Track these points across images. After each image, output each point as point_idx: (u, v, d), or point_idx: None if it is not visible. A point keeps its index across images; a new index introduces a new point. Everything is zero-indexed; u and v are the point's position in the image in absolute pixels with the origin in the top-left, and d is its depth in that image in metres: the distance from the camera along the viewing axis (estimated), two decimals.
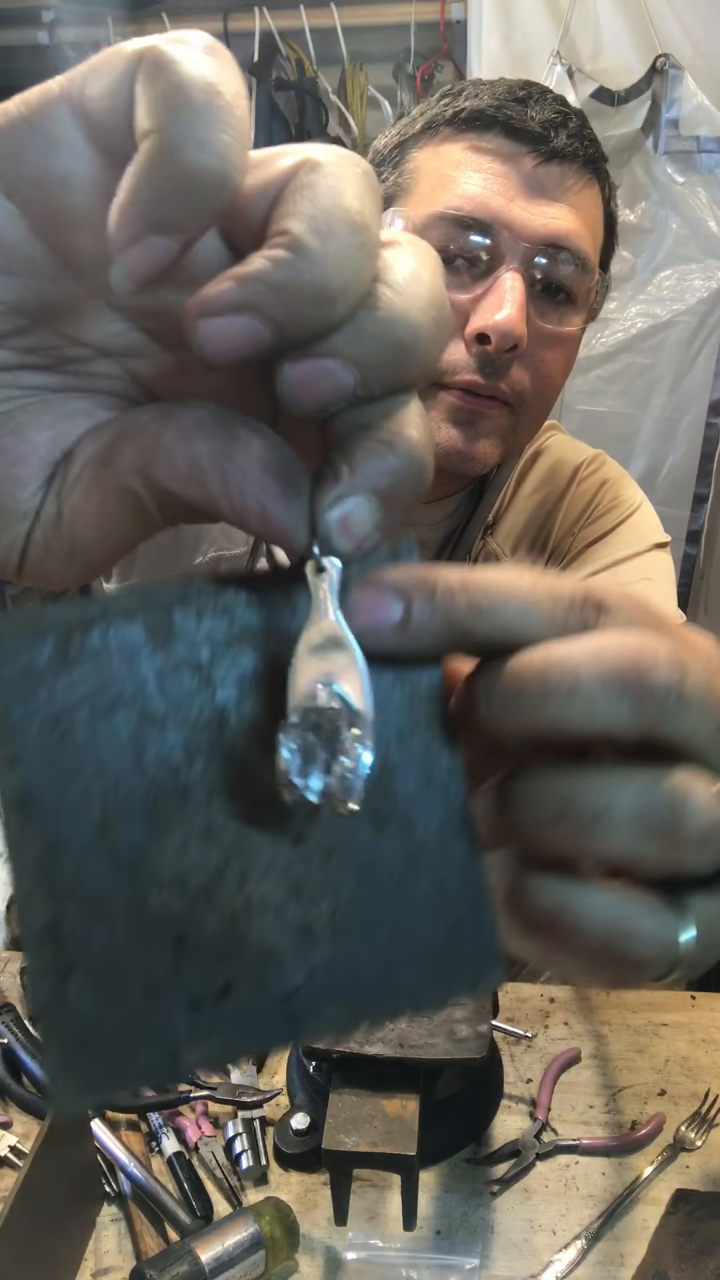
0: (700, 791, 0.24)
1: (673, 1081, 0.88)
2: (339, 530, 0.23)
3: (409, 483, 0.23)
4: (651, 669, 0.23)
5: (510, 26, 2.13)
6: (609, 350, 2.32)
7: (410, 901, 0.24)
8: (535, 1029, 0.92)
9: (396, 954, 0.24)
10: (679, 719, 0.24)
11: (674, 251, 2.25)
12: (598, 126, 0.80)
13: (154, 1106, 0.83)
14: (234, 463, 0.23)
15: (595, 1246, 0.74)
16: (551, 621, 0.25)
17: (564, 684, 0.24)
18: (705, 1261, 0.70)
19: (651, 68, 2.12)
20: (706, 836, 0.24)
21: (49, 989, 0.22)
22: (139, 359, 0.27)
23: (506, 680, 0.24)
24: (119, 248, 0.21)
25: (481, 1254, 0.73)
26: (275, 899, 0.23)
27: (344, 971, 0.24)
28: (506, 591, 0.25)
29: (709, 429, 2.35)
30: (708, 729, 0.24)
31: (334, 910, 0.24)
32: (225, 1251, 0.68)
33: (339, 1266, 0.73)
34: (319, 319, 0.22)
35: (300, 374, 0.22)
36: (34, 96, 0.22)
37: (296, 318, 0.21)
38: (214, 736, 0.23)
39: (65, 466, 0.26)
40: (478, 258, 0.74)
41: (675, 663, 0.23)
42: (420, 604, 0.24)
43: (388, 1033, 0.74)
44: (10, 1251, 0.62)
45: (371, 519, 0.23)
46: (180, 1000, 0.22)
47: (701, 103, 2.10)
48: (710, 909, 0.25)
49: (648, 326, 2.29)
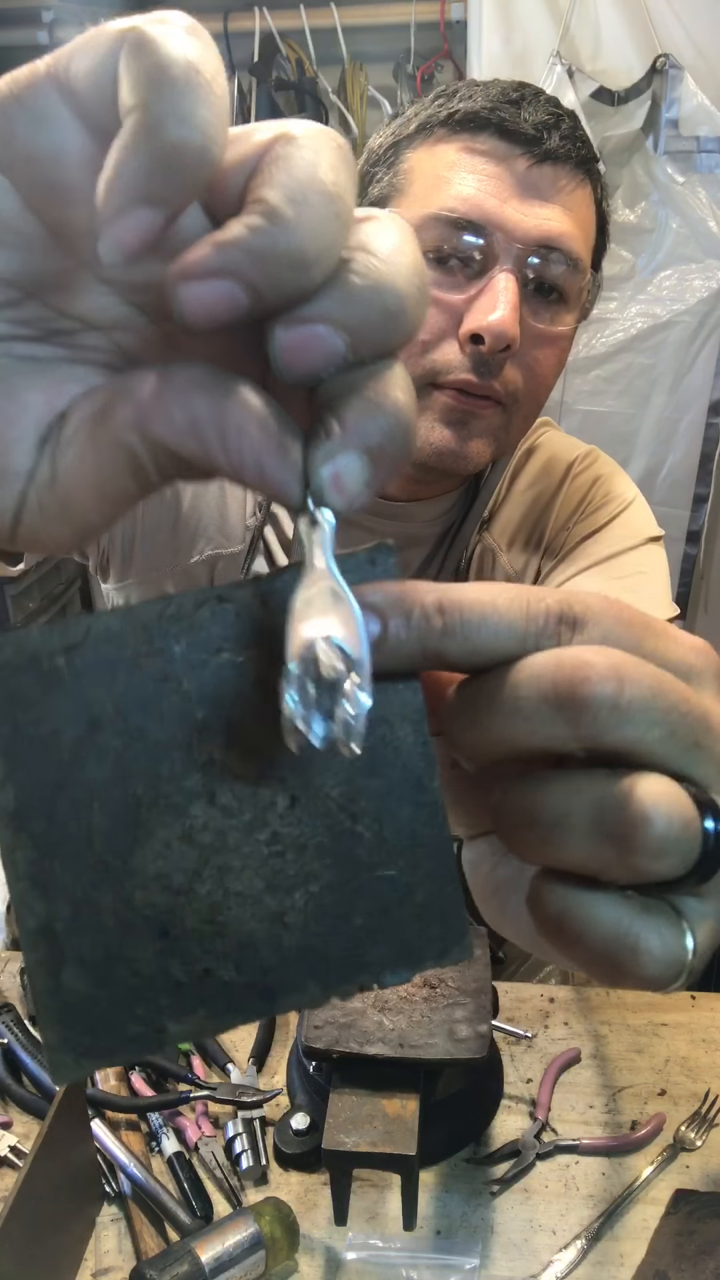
0: (651, 798, 0.24)
1: (673, 1081, 0.88)
2: (331, 486, 0.24)
3: (397, 442, 0.24)
4: (583, 684, 0.24)
5: (510, 26, 2.13)
6: (609, 350, 2.32)
7: (381, 887, 0.26)
8: (535, 1029, 0.92)
9: (366, 934, 0.26)
10: (619, 730, 0.24)
11: (674, 251, 2.25)
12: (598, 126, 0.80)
13: (154, 1106, 0.83)
14: (231, 418, 0.23)
15: (595, 1246, 0.74)
16: (524, 641, 0.25)
17: (506, 704, 0.25)
18: (705, 1261, 0.70)
19: (651, 68, 2.12)
20: (661, 844, 0.24)
21: (44, 978, 0.24)
22: (127, 332, 0.28)
23: (462, 699, 0.26)
24: (106, 221, 0.21)
25: (481, 1254, 0.73)
26: (251, 891, 0.25)
27: (316, 952, 0.25)
28: (481, 613, 0.25)
29: (709, 429, 2.35)
30: (656, 736, 0.24)
31: (307, 899, 0.25)
32: (225, 1251, 0.68)
33: (339, 1266, 0.73)
34: (295, 284, 0.22)
35: (293, 339, 0.23)
36: (22, 74, 0.23)
37: (273, 282, 0.22)
38: (192, 746, 0.25)
39: (59, 427, 0.26)
40: (471, 258, 0.74)
41: (610, 676, 0.24)
42: (396, 624, 0.25)
43: (388, 1033, 0.74)
44: (10, 1251, 0.62)
45: (362, 476, 0.24)
46: (164, 983, 0.25)
47: (701, 103, 2.10)
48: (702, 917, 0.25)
49: (648, 326, 2.29)
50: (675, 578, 2.46)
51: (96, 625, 0.25)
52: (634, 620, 0.26)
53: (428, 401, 0.77)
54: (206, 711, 0.25)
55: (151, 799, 0.25)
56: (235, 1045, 0.91)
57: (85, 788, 0.24)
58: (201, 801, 0.25)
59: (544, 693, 0.24)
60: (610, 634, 0.26)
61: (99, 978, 0.24)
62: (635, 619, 0.26)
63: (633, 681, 0.24)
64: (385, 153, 0.81)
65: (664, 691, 0.24)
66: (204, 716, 0.25)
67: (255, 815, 0.25)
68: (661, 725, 0.24)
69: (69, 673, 0.24)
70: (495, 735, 0.25)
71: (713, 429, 2.35)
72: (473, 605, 0.25)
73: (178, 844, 0.25)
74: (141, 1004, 0.25)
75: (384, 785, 0.26)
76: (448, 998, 0.77)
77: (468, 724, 0.26)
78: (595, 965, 0.25)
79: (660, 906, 0.25)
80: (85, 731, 0.24)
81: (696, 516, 2.44)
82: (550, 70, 2.09)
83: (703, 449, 2.38)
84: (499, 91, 0.76)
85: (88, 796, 0.24)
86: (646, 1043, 0.92)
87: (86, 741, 0.24)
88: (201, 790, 0.25)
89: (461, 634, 0.25)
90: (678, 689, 0.25)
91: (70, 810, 0.24)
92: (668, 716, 0.24)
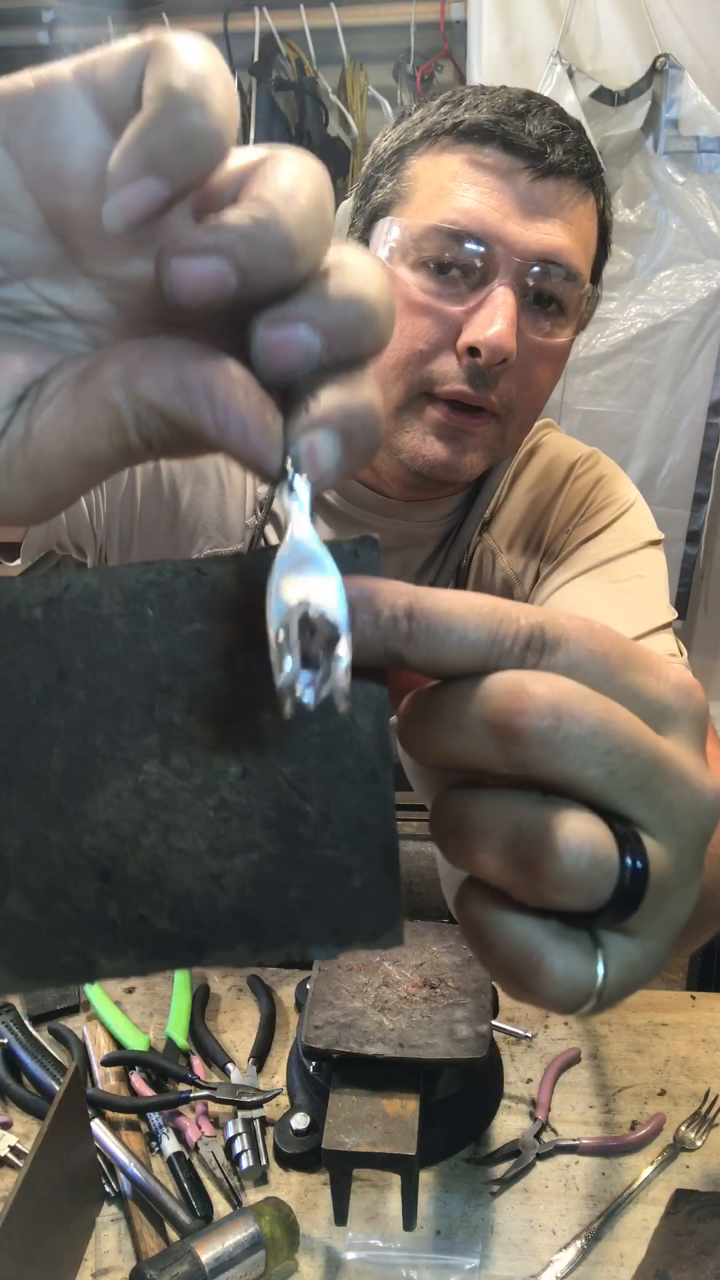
0: (564, 833, 0.24)
1: (673, 1081, 0.88)
2: (306, 458, 0.25)
3: (367, 430, 0.25)
4: (519, 716, 0.24)
5: (510, 26, 2.13)
6: (609, 350, 2.32)
7: (320, 865, 0.27)
8: (535, 1029, 0.92)
9: (300, 907, 0.27)
10: (551, 765, 0.24)
11: (674, 251, 2.25)
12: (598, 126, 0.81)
13: (154, 1106, 0.83)
14: (220, 381, 0.24)
15: (595, 1246, 0.74)
16: (485, 660, 0.25)
17: (449, 719, 0.26)
18: (705, 1261, 0.70)
19: (651, 68, 2.12)
20: (565, 878, 0.24)
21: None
22: (103, 328, 0.29)
23: (415, 703, 0.27)
24: (117, 184, 0.23)
25: (481, 1254, 0.73)
26: (194, 850, 0.26)
27: (249, 916, 0.27)
28: (448, 625, 0.25)
29: (709, 429, 2.36)
30: (591, 774, 0.24)
31: (246, 865, 0.27)
32: (225, 1251, 0.68)
33: (339, 1266, 0.73)
34: (282, 271, 0.24)
35: (275, 336, 0.25)
36: (46, 70, 0.25)
37: (262, 267, 0.24)
38: (153, 707, 0.26)
39: (38, 389, 0.27)
40: (471, 269, 0.75)
41: (547, 712, 0.24)
42: (364, 621, 0.26)
43: (388, 1033, 0.74)
44: (10, 1251, 0.62)
45: (335, 454, 0.25)
46: (100, 921, 0.26)
47: (701, 103, 2.10)
48: (622, 953, 0.26)
49: (648, 326, 2.29)
50: (675, 578, 2.47)
51: (77, 582, 0.26)
52: (611, 651, 0.26)
53: (422, 414, 0.78)
54: (172, 677, 0.26)
55: (109, 751, 0.26)
56: (235, 1045, 0.91)
57: (48, 732, 0.26)
58: (155, 760, 0.26)
59: (484, 716, 0.25)
60: (580, 663, 0.25)
61: (40, 906, 0.26)
62: (613, 649, 0.26)
63: (571, 719, 0.24)
64: (390, 158, 0.81)
65: (607, 732, 0.24)
66: (169, 681, 0.26)
67: (206, 780, 0.26)
68: (599, 765, 0.24)
69: (44, 624, 0.26)
70: (437, 745, 0.26)
71: (713, 429, 2.35)
72: (441, 616, 0.25)
73: (128, 796, 0.26)
74: (77, 936, 0.26)
75: (337, 770, 0.27)
76: (448, 998, 0.77)
77: (415, 728, 0.27)
78: (502, 976, 0.26)
79: (577, 935, 0.25)
80: (54, 680, 0.26)
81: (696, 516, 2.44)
82: (550, 70, 2.09)
83: (703, 449, 2.38)
84: (505, 102, 0.76)
85: (49, 740, 0.26)
86: (646, 1043, 0.92)
87: (54, 689, 0.26)
88: (157, 750, 0.26)
89: (425, 643, 0.25)
90: (626, 730, 0.25)
91: (32, 750, 0.26)
92: (607, 758, 0.24)
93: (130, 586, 0.26)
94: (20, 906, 0.26)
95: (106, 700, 0.26)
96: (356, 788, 0.27)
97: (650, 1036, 0.92)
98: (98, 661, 0.26)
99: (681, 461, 2.40)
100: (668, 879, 0.25)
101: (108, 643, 0.26)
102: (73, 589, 0.26)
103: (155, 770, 0.26)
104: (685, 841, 0.26)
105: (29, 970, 0.26)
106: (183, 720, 0.26)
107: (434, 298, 0.75)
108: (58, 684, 0.26)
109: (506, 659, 0.25)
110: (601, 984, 0.25)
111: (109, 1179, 0.78)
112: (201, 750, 0.26)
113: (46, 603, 0.26)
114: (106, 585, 0.26)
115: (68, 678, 0.26)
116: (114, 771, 0.26)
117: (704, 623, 2.59)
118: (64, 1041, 0.91)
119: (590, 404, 2.39)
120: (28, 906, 0.26)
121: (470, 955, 0.82)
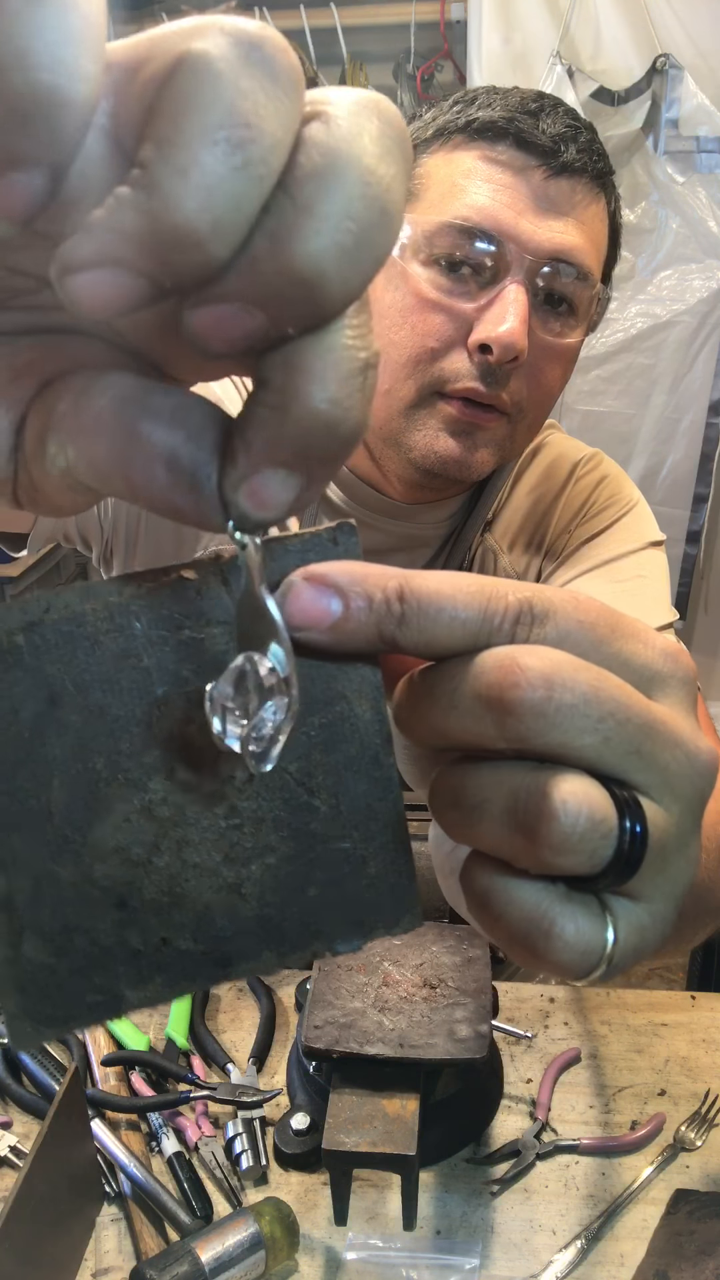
0: (561, 796, 0.24)
1: (673, 1081, 0.88)
2: (253, 507, 0.23)
3: (316, 441, 0.22)
4: (512, 689, 0.24)
5: (510, 26, 2.13)
6: (609, 350, 2.32)
7: (335, 859, 0.27)
8: (535, 1029, 0.92)
9: (320, 904, 0.27)
10: (546, 735, 0.24)
11: (674, 251, 2.25)
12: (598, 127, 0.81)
13: (154, 1106, 0.83)
14: (135, 465, 0.22)
15: (595, 1246, 0.74)
16: (476, 637, 0.26)
17: (445, 697, 0.25)
18: (705, 1261, 0.70)
19: (651, 68, 2.12)
20: (565, 840, 0.24)
21: (4, 949, 0.25)
22: None
23: (410, 685, 0.27)
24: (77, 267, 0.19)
25: (481, 1254, 0.73)
26: (209, 863, 0.26)
27: (271, 922, 0.26)
28: (438, 605, 0.25)
29: (709, 429, 2.36)
30: (587, 742, 0.25)
31: (264, 870, 0.26)
32: (225, 1251, 0.68)
33: (339, 1266, 0.73)
34: (192, 265, 0.19)
35: (201, 320, 0.20)
36: None
37: (163, 267, 0.19)
38: (151, 722, 0.25)
39: (21, 437, 0.26)
40: (483, 267, 0.75)
41: (539, 683, 0.24)
42: (357, 606, 0.25)
43: (388, 1033, 0.74)
44: (10, 1251, 0.62)
45: (287, 486, 0.22)
46: (122, 952, 0.25)
47: (701, 103, 2.10)
48: (630, 915, 0.26)
49: (648, 326, 2.29)
50: (675, 578, 2.47)
51: (57, 603, 0.25)
52: (598, 621, 0.26)
53: (433, 411, 0.78)
54: (167, 688, 0.25)
55: (110, 774, 0.25)
56: (235, 1045, 0.91)
57: (45, 764, 0.25)
58: (160, 776, 0.25)
59: (478, 692, 0.25)
60: (569, 634, 0.26)
61: (58, 948, 0.25)
62: (600, 620, 0.26)
63: (564, 688, 0.24)
64: None
65: (600, 699, 0.24)
66: (164, 693, 0.25)
67: (214, 789, 0.26)
68: (593, 732, 0.24)
69: (28, 650, 0.25)
70: (433, 725, 0.26)
71: (713, 429, 2.35)
72: (431, 597, 0.25)
73: (136, 818, 0.25)
74: (100, 973, 0.25)
75: (341, 760, 0.26)
76: (448, 998, 0.77)
77: (411, 710, 0.26)
78: (513, 945, 0.26)
79: (584, 899, 0.26)
80: (45, 708, 0.25)
81: (696, 516, 2.44)
82: (550, 70, 2.09)
83: (703, 449, 2.38)
84: (518, 101, 0.76)
85: (47, 772, 0.25)
86: (646, 1043, 0.92)
87: (46, 717, 0.25)
88: (160, 765, 0.25)
89: (417, 624, 0.25)
90: (618, 696, 0.25)
91: (30, 786, 0.25)
92: (601, 724, 0.24)
93: (113, 601, 0.25)
94: (37, 951, 0.25)
95: (102, 722, 0.25)
96: (361, 775, 0.27)
97: (650, 1036, 0.92)
98: (88, 682, 0.25)
99: (681, 461, 2.40)
100: (668, 840, 0.26)
101: (96, 662, 0.25)
102: (53, 610, 0.25)
103: (161, 787, 0.25)
104: (684, 803, 0.26)
105: (54, 1017, 0.25)
106: (182, 731, 0.25)
107: (446, 295, 0.75)
108: (49, 711, 0.25)
109: (497, 635, 0.25)
110: (612, 947, 0.25)
111: (109, 1179, 0.78)
112: (205, 760, 0.26)
113: (27, 628, 0.25)
114: (89, 602, 0.25)
115: (59, 703, 0.25)
116: (119, 794, 0.25)
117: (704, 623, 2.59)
118: (64, 1041, 0.91)
119: (590, 404, 2.39)
120: (45, 950, 0.25)
121: (471, 955, 0.82)
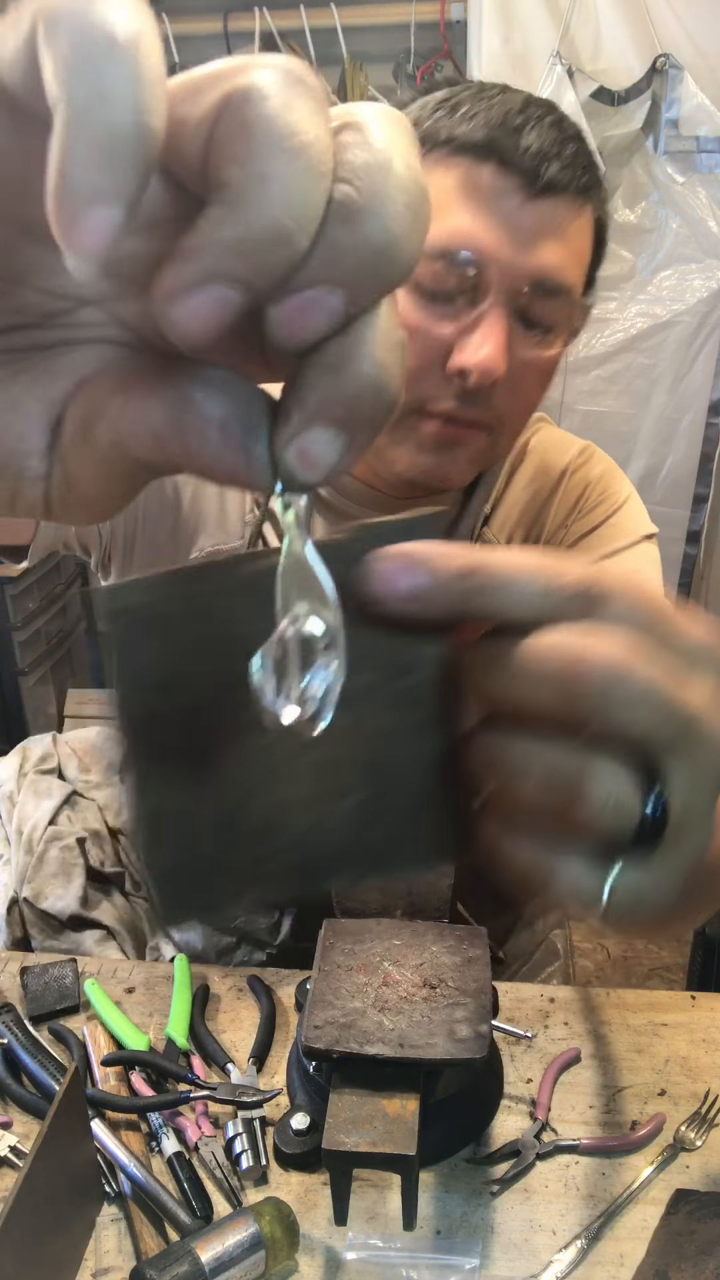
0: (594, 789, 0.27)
1: (673, 1081, 0.88)
2: (301, 466, 0.24)
3: (365, 404, 0.23)
4: (586, 671, 0.26)
5: (510, 26, 2.13)
6: (609, 350, 2.32)
7: (406, 803, 0.31)
8: (535, 1029, 0.92)
9: (392, 838, 0.32)
10: (606, 717, 0.26)
11: (674, 251, 2.25)
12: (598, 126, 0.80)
13: (154, 1106, 0.83)
14: (190, 429, 0.24)
15: (595, 1246, 0.74)
16: (547, 609, 0.27)
17: (514, 666, 0.27)
18: (705, 1261, 0.70)
19: (651, 68, 2.12)
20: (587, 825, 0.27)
21: (149, 851, 0.30)
22: (118, 301, 0.27)
23: (481, 651, 0.29)
24: (62, 235, 0.20)
25: (481, 1254, 0.73)
26: (303, 797, 0.31)
27: (352, 849, 0.31)
28: (510, 577, 0.27)
29: (709, 429, 2.36)
30: (640, 730, 0.27)
31: (349, 806, 0.31)
32: (225, 1251, 0.68)
33: (339, 1266, 0.73)
34: (285, 260, 0.21)
35: (288, 313, 0.22)
36: None
37: (260, 269, 0.21)
38: None
39: (59, 433, 0.27)
40: (463, 289, 0.74)
41: (613, 666, 0.26)
42: (434, 579, 0.27)
43: (388, 1033, 0.74)
44: (10, 1251, 0.62)
45: (334, 446, 0.24)
46: (238, 861, 0.31)
47: (701, 103, 2.10)
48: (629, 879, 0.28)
49: (648, 326, 2.29)
50: (675, 578, 2.47)
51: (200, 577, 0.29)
52: (650, 602, 0.28)
53: (413, 429, 0.79)
54: None
55: (232, 720, 0.29)
56: (235, 1045, 0.91)
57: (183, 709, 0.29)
58: None
59: (546, 668, 0.27)
60: (627, 614, 0.27)
61: (188, 854, 0.31)
62: (652, 601, 0.28)
63: (630, 678, 0.26)
64: None
65: (658, 690, 0.26)
66: None
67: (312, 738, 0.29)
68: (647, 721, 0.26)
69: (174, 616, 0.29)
70: (500, 691, 0.28)
71: (713, 429, 2.35)
72: (499, 571, 0.27)
73: (250, 759, 0.30)
74: (219, 876, 0.31)
75: (414, 720, 0.30)
76: (448, 998, 0.77)
77: (481, 674, 0.29)
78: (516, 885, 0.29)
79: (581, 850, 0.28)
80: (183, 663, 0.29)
81: (696, 516, 2.44)
82: (550, 70, 2.09)
83: (703, 449, 2.38)
84: (501, 115, 0.73)
85: (184, 718, 0.30)
86: (646, 1043, 0.92)
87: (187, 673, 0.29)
88: None
89: (483, 600, 0.27)
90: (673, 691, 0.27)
91: (173, 725, 0.30)
92: (654, 712, 0.26)
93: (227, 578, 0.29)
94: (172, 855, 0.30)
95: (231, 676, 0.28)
96: (430, 735, 0.31)
97: (650, 1036, 0.92)
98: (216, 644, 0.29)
99: (681, 461, 2.40)
100: (685, 822, 0.27)
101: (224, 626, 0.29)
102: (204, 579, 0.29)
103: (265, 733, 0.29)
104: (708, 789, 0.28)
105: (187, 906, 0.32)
106: None
107: (425, 318, 0.74)
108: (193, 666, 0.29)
109: (559, 611, 0.27)
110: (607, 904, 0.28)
111: (109, 1179, 0.78)
112: None
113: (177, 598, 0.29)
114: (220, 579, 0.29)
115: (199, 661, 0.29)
116: (241, 739, 0.29)
117: None
118: (64, 1041, 0.91)
119: (590, 404, 2.39)
120: (178, 854, 0.30)
121: (471, 955, 0.82)
